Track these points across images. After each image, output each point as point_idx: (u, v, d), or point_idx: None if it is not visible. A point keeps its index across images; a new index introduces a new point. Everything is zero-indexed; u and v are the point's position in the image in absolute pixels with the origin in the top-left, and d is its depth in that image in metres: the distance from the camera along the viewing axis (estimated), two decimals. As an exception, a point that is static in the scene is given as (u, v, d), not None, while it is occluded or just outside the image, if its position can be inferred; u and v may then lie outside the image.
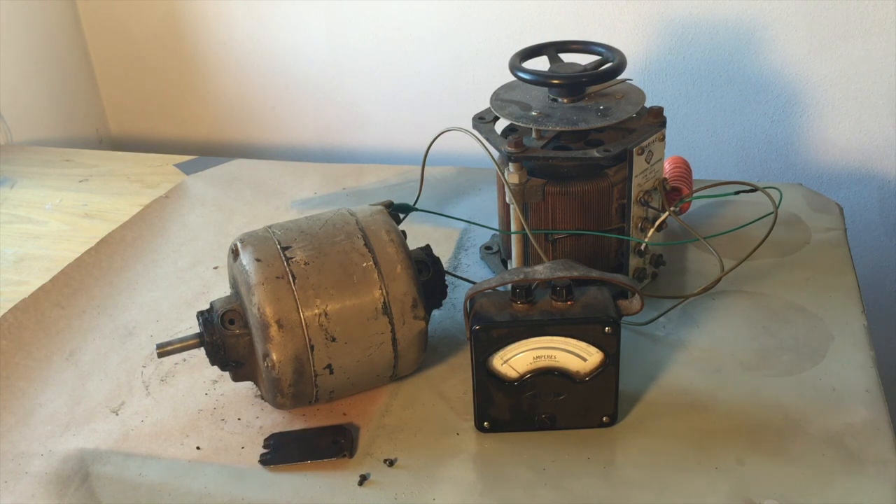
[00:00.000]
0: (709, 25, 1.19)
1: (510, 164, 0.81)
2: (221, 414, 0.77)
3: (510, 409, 0.71)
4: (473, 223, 0.96)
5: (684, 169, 0.91)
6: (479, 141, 0.83)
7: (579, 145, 0.83)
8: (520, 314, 0.69)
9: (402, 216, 0.84)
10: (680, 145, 1.18)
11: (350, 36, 1.33)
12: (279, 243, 0.72)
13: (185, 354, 0.81)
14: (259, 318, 0.69)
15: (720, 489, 0.66)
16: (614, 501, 0.66)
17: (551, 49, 0.88)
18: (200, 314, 0.73)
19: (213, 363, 0.73)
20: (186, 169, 1.22)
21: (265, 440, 0.73)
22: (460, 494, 0.67)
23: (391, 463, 0.70)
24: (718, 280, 0.84)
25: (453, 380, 0.79)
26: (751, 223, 0.89)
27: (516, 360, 0.69)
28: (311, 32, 1.35)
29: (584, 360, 0.69)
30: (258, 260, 0.71)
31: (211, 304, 0.74)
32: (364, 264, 0.72)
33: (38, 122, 1.39)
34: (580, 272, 0.69)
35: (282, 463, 0.71)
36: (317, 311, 0.70)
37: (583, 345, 0.69)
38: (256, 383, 0.75)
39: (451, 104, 1.31)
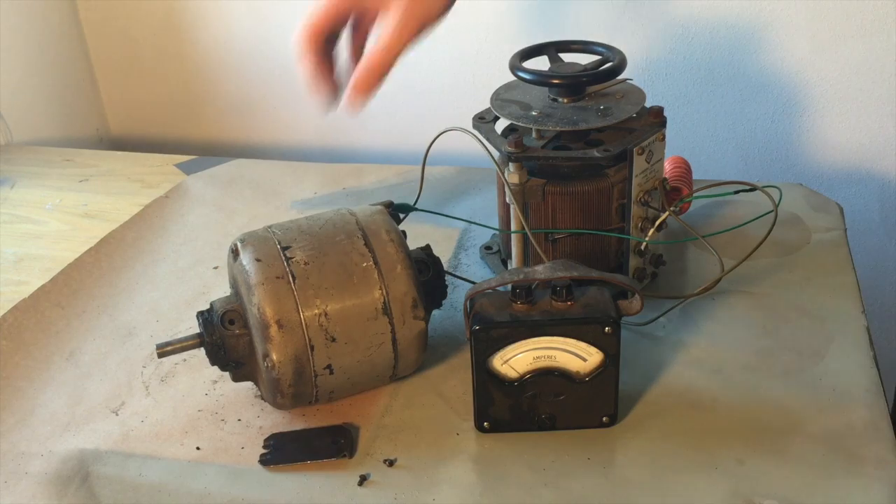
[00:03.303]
0: (709, 25, 1.19)
1: (510, 163, 0.81)
2: (221, 414, 0.77)
3: (510, 409, 0.71)
4: (473, 223, 0.96)
5: (684, 169, 0.91)
6: (480, 141, 0.83)
7: (579, 145, 0.83)
8: (520, 314, 0.69)
9: (402, 216, 0.84)
10: (680, 145, 1.18)
11: (350, 36, 1.33)
12: (279, 243, 0.72)
13: (185, 354, 0.81)
14: (259, 318, 0.69)
15: (720, 489, 0.66)
16: (614, 501, 0.66)
17: (551, 49, 0.88)
18: (200, 314, 0.73)
19: (213, 363, 0.73)
20: (186, 169, 1.22)
21: (265, 440, 0.73)
22: (460, 495, 0.67)
23: (391, 463, 0.70)
24: (718, 280, 0.84)
25: (453, 380, 0.79)
26: (751, 221, 0.89)
27: (516, 360, 0.69)
28: (311, 32, 1.35)
29: (584, 360, 0.69)
30: (258, 260, 0.71)
31: (211, 304, 0.74)
32: (364, 264, 0.72)
33: (38, 122, 1.39)
34: (580, 272, 0.69)
35: (282, 463, 0.71)
36: (317, 311, 0.70)
37: (583, 345, 0.69)
38: (256, 383, 0.75)
39: (451, 104, 1.31)
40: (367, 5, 0.67)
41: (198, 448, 0.73)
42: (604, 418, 0.72)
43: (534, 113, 0.83)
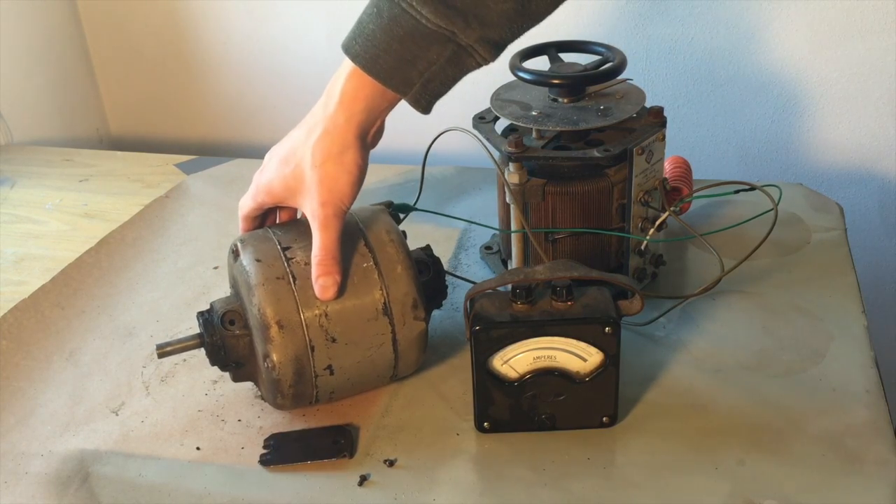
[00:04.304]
0: (709, 25, 1.19)
1: (510, 164, 0.81)
2: (221, 414, 0.77)
3: (510, 409, 0.71)
4: (473, 223, 0.96)
5: (684, 169, 0.91)
6: (480, 141, 0.83)
7: (579, 145, 0.83)
8: (520, 314, 0.69)
9: (402, 216, 0.84)
10: (680, 145, 1.18)
11: (350, 36, 1.33)
12: (279, 244, 0.72)
13: (185, 355, 0.81)
14: (259, 319, 0.69)
15: (720, 489, 0.66)
16: (614, 501, 0.66)
17: (551, 49, 0.88)
18: (200, 314, 0.73)
19: (213, 364, 0.73)
20: (186, 169, 1.22)
21: (265, 440, 0.73)
22: (460, 495, 0.67)
23: (391, 463, 0.70)
24: (718, 280, 0.84)
25: (453, 380, 0.79)
26: (751, 219, 0.89)
27: (516, 360, 0.69)
28: (311, 32, 1.35)
29: (585, 360, 0.69)
30: (258, 260, 0.71)
31: (211, 304, 0.74)
32: (364, 265, 0.72)
33: (38, 122, 1.39)
34: (580, 272, 0.69)
35: (282, 463, 0.71)
36: (317, 311, 0.70)
37: (583, 345, 0.69)
38: (256, 384, 0.75)
39: (451, 104, 1.31)
40: (286, 204, 0.75)
41: (198, 448, 0.73)
42: (604, 418, 0.72)
43: (534, 113, 0.83)
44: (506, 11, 0.67)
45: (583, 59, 0.86)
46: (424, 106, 0.72)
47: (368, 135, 0.73)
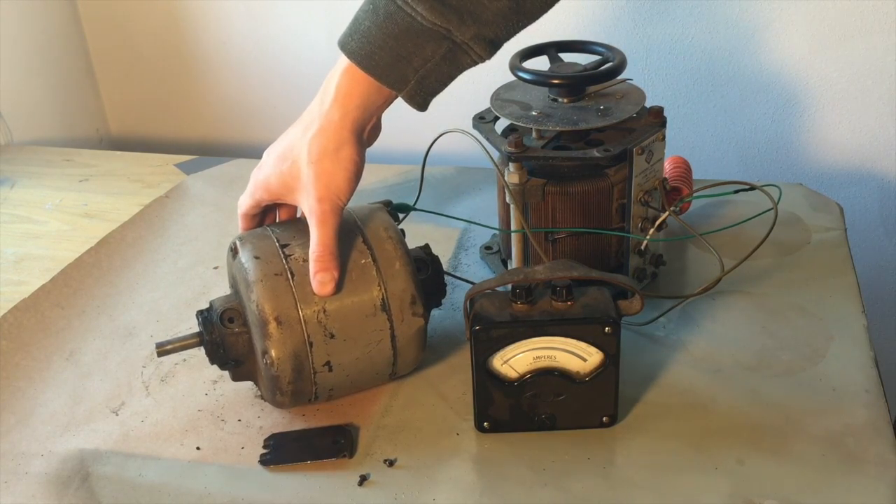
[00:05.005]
0: (709, 25, 1.19)
1: (510, 164, 0.81)
2: (221, 414, 0.77)
3: (510, 409, 0.71)
4: (473, 223, 0.96)
5: (684, 169, 0.91)
6: (479, 142, 0.83)
7: (579, 145, 0.83)
8: (520, 314, 0.69)
9: (401, 216, 0.84)
10: (680, 145, 1.18)
11: (350, 36, 1.33)
12: (278, 241, 0.72)
13: (185, 354, 0.81)
14: (258, 316, 0.69)
15: (720, 489, 0.66)
16: (614, 501, 0.66)
17: (551, 49, 0.88)
18: (200, 313, 0.73)
19: (212, 362, 0.73)
20: (186, 169, 1.22)
21: (265, 440, 0.73)
22: (460, 494, 0.67)
23: (391, 463, 0.70)
24: (718, 280, 0.84)
25: (453, 380, 0.78)
26: (751, 219, 0.89)
27: (516, 360, 0.69)
28: (311, 32, 1.35)
29: (584, 360, 0.69)
30: (257, 257, 0.71)
31: (210, 302, 0.74)
32: (363, 261, 0.72)
33: (38, 122, 1.39)
34: (580, 272, 0.69)
35: (282, 463, 0.71)
36: (315, 307, 0.70)
37: (583, 345, 0.69)
38: (256, 382, 0.75)
39: (450, 104, 1.31)
40: (283, 201, 0.75)
41: (198, 448, 0.73)
42: (604, 418, 0.72)
43: (534, 113, 0.83)
44: (501, 9, 0.67)
45: (583, 59, 0.86)
46: (420, 103, 0.72)
47: (364, 131, 0.73)
